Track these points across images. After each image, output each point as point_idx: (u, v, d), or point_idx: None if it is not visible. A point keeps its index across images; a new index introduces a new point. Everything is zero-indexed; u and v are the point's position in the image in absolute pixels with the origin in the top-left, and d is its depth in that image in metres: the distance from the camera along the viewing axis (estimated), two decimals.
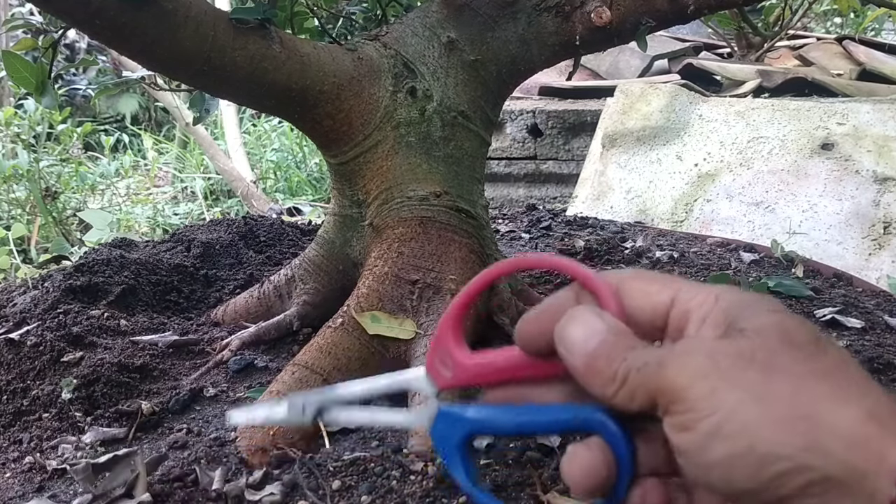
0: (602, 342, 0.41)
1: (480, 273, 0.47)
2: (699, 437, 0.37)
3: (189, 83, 1.13)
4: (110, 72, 2.10)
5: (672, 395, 0.38)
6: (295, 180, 4.78)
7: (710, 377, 0.37)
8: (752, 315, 0.39)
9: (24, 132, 4.08)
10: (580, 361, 0.41)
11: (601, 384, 0.41)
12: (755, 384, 0.36)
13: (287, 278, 1.25)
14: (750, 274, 1.61)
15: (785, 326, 0.38)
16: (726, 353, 0.37)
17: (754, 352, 0.37)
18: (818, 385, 0.36)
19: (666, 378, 0.38)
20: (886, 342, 1.28)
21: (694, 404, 0.37)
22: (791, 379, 0.36)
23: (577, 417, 0.43)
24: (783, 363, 0.37)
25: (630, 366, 0.40)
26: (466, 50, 1.14)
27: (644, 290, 0.43)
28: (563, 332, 0.42)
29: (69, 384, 1.03)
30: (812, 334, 0.38)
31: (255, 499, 0.80)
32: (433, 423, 0.47)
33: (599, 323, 0.42)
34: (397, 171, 1.10)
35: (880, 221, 2.26)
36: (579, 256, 1.65)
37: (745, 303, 0.40)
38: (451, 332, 0.47)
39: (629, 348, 0.41)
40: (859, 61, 3.59)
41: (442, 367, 0.47)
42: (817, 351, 0.37)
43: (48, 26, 1.15)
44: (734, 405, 0.36)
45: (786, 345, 0.37)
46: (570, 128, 3.31)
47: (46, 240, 3.60)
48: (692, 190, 2.57)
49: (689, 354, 0.38)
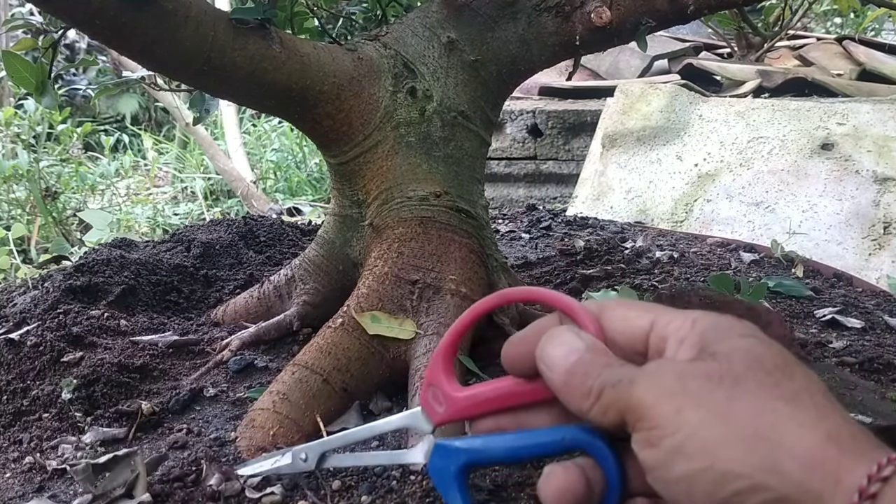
0: (579, 359, 0.43)
1: (467, 310, 0.50)
2: (663, 453, 0.38)
3: (189, 83, 1.13)
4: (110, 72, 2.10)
5: (640, 412, 0.39)
6: (295, 180, 4.78)
7: (676, 397, 0.38)
8: (724, 339, 0.40)
9: (24, 132, 4.08)
10: (559, 378, 0.43)
11: (577, 399, 0.42)
12: (719, 405, 0.37)
13: (287, 278, 1.25)
14: (750, 274, 1.61)
15: (755, 352, 0.39)
16: (695, 375, 0.39)
17: (722, 374, 0.38)
18: (781, 408, 0.37)
19: (635, 396, 0.39)
20: (886, 342, 1.28)
21: (659, 422, 0.38)
22: (755, 401, 0.37)
23: (566, 438, 0.44)
24: (749, 386, 0.38)
25: (604, 381, 0.41)
26: (466, 50, 1.14)
27: (623, 315, 0.45)
28: (544, 349, 0.44)
29: (69, 384, 1.03)
30: (781, 359, 0.39)
31: (255, 498, 0.81)
32: (430, 458, 0.48)
33: (578, 341, 0.43)
34: (397, 171, 1.10)
35: (880, 221, 2.26)
36: (579, 256, 1.65)
37: (720, 327, 0.41)
38: (442, 368, 0.49)
39: (605, 365, 0.42)
40: (859, 61, 3.59)
41: (435, 404, 0.49)
42: (784, 376, 0.38)
43: (48, 26, 1.15)
44: (697, 424, 0.37)
45: (753, 369, 0.38)
46: (570, 128, 3.31)
47: (46, 240, 3.60)
48: (692, 190, 2.57)
49: (658, 374, 0.40)
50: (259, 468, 0.54)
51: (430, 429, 0.49)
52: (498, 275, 1.16)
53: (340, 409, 0.97)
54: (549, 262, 1.62)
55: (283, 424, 0.92)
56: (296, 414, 0.93)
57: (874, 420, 0.94)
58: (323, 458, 0.52)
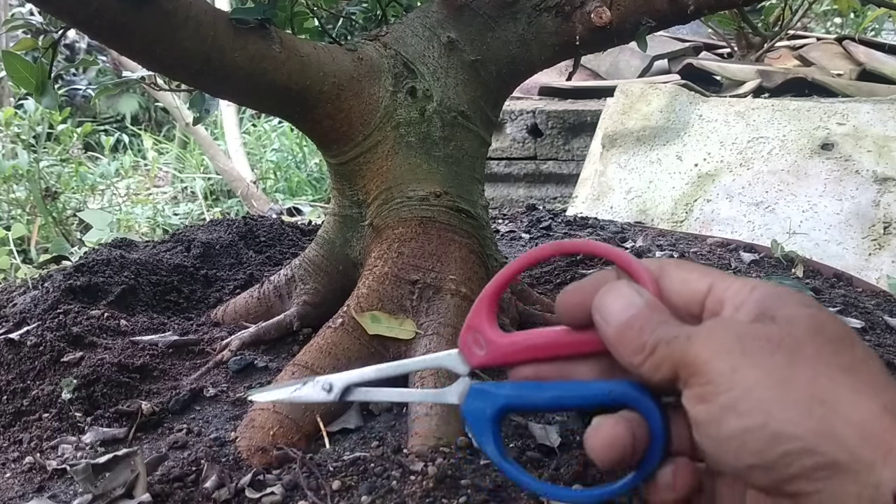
0: (636, 314, 0.42)
1: (518, 259, 0.48)
2: (715, 409, 0.38)
3: (189, 83, 1.13)
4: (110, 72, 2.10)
5: (694, 367, 0.39)
6: (295, 180, 4.78)
7: (732, 354, 0.38)
8: (784, 305, 0.40)
9: (24, 132, 4.08)
10: (613, 330, 0.43)
11: (630, 353, 0.42)
12: (777, 367, 0.37)
13: (287, 278, 1.25)
14: (750, 274, 1.61)
15: (817, 320, 0.39)
16: (754, 336, 0.39)
17: (782, 338, 0.38)
18: (839, 376, 0.37)
19: (691, 351, 0.39)
20: (886, 342, 1.28)
21: (714, 377, 0.38)
22: (813, 367, 0.37)
23: (612, 392, 0.44)
24: (808, 352, 0.38)
25: (659, 337, 0.41)
26: (466, 50, 1.14)
27: (683, 277, 0.45)
28: (602, 300, 0.44)
29: (69, 384, 1.03)
30: (842, 330, 0.39)
31: (255, 498, 0.81)
32: (465, 400, 0.47)
33: (636, 296, 0.43)
34: (397, 171, 1.10)
35: (880, 221, 2.26)
36: (580, 256, 1.65)
37: (780, 294, 0.41)
38: (486, 312, 0.48)
39: (661, 322, 0.42)
40: (859, 61, 3.59)
41: (475, 346, 0.48)
42: (843, 346, 0.38)
43: (48, 26, 1.15)
44: (752, 384, 0.37)
45: (814, 336, 0.38)
46: (570, 128, 3.31)
47: (46, 240, 3.60)
48: (692, 190, 2.57)
49: (716, 331, 0.40)
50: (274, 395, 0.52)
51: (466, 371, 0.48)
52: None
53: (340, 409, 0.97)
54: (549, 262, 1.62)
55: (283, 424, 0.92)
56: (296, 414, 0.93)
57: None
58: (347, 391, 0.50)
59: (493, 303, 0.48)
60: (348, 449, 0.91)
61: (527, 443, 0.89)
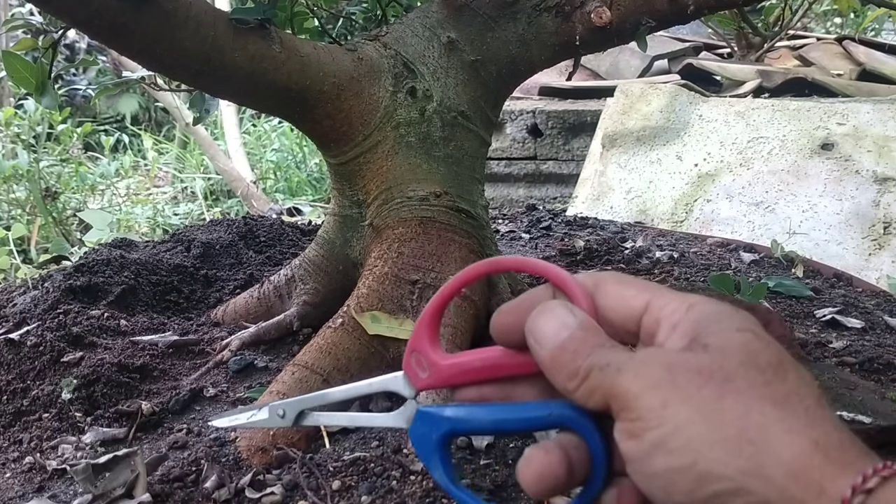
0: (570, 336, 0.41)
1: (454, 276, 0.48)
2: (645, 446, 0.37)
3: (189, 83, 1.13)
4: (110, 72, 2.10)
5: (624, 401, 0.38)
6: (295, 180, 4.78)
7: (662, 389, 0.37)
8: (719, 331, 0.39)
9: (24, 132, 4.08)
10: (547, 353, 0.42)
11: (564, 378, 0.41)
12: (707, 402, 0.36)
13: (287, 278, 1.25)
14: (750, 274, 1.61)
15: (750, 348, 0.38)
16: (685, 368, 0.38)
17: (713, 370, 0.37)
18: (770, 410, 0.36)
19: (621, 384, 0.38)
20: (886, 342, 1.28)
21: (643, 413, 0.37)
22: (744, 401, 0.36)
23: (552, 414, 0.43)
24: (739, 385, 0.37)
25: (592, 363, 0.40)
26: (466, 50, 1.14)
27: (619, 293, 0.44)
28: (534, 323, 0.43)
29: (69, 384, 1.03)
30: (775, 357, 0.38)
31: (255, 498, 0.81)
32: (412, 424, 0.47)
33: (570, 317, 0.42)
34: (397, 171, 1.10)
35: (880, 221, 2.26)
36: (579, 256, 1.65)
37: (715, 317, 0.40)
38: (427, 333, 0.48)
39: (596, 346, 0.41)
40: (859, 61, 3.59)
41: (419, 369, 0.48)
42: (776, 376, 0.38)
43: (48, 26, 1.15)
44: (682, 420, 0.36)
45: (746, 366, 0.38)
46: (570, 128, 3.31)
47: (46, 240, 3.60)
48: (692, 190, 2.57)
49: (647, 364, 0.39)
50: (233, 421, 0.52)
51: (412, 394, 0.48)
52: (498, 274, 1.16)
53: (340, 409, 0.97)
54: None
55: None
56: None
57: (874, 420, 0.94)
58: (301, 416, 0.51)
59: (433, 323, 0.48)
60: (348, 449, 0.91)
61: (527, 442, 0.89)
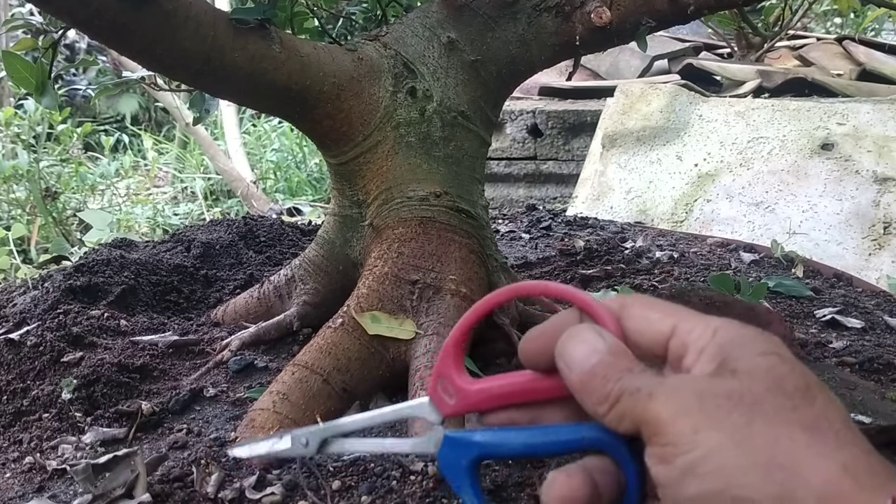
0: (600, 361, 0.42)
1: (479, 302, 0.48)
2: (676, 471, 0.37)
3: (189, 83, 1.13)
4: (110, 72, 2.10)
5: (655, 426, 0.39)
6: (295, 180, 4.78)
7: (693, 415, 0.38)
8: (745, 355, 0.40)
9: (24, 132, 4.08)
10: (577, 378, 0.42)
11: (595, 402, 0.41)
12: (737, 428, 0.37)
13: (287, 278, 1.25)
14: (750, 274, 1.61)
15: (777, 372, 0.39)
16: (714, 394, 0.38)
17: (742, 395, 0.38)
18: (799, 435, 0.37)
19: (652, 409, 0.39)
20: (886, 342, 1.28)
21: (675, 439, 0.38)
22: (774, 426, 0.37)
23: (585, 437, 0.43)
24: (768, 410, 0.37)
25: (623, 388, 0.40)
26: (466, 50, 1.14)
27: (645, 317, 0.44)
28: (564, 347, 0.43)
29: (69, 384, 1.03)
30: (802, 381, 0.39)
31: (255, 498, 0.80)
32: (440, 449, 0.47)
33: (600, 341, 0.42)
34: (397, 171, 1.10)
35: (880, 221, 2.26)
36: (579, 256, 1.65)
37: (741, 341, 0.41)
38: (453, 360, 0.48)
39: (626, 370, 0.41)
40: (859, 61, 3.59)
41: (445, 395, 0.48)
42: (804, 401, 0.38)
43: (48, 26, 1.15)
44: (713, 446, 0.37)
45: (774, 391, 0.38)
46: (570, 128, 3.31)
47: (46, 240, 3.60)
48: (692, 190, 2.57)
49: (677, 390, 0.39)
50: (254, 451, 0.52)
51: (438, 419, 0.48)
52: (498, 275, 1.16)
53: (340, 409, 0.97)
54: (549, 263, 1.62)
55: (283, 424, 0.92)
56: (296, 414, 0.93)
57: (874, 420, 0.94)
58: (325, 443, 0.50)
59: (459, 349, 0.48)
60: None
61: None
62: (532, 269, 1.57)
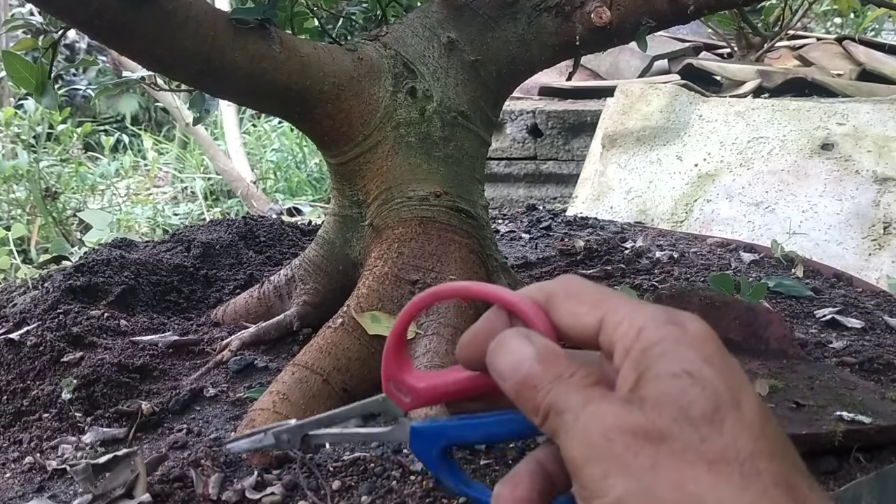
0: (529, 372, 0.41)
1: (405, 307, 0.48)
2: None
3: (189, 83, 1.13)
4: (110, 72, 2.10)
5: (572, 467, 0.39)
6: (295, 180, 4.78)
7: (602, 460, 0.38)
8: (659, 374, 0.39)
9: (24, 132, 4.08)
10: (510, 388, 0.42)
11: (529, 413, 0.41)
12: (643, 472, 0.37)
13: (287, 278, 1.25)
14: (750, 274, 1.61)
15: (685, 399, 0.38)
16: (622, 430, 0.38)
17: (648, 432, 0.37)
18: (704, 476, 0.36)
19: (566, 450, 0.39)
20: (886, 342, 1.28)
21: (587, 483, 0.38)
22: (678, 468, 0.37)
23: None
24: (675, 447, 0.37)
25: (550, 404, 0.40)
26: (466, 50, 1.14)
27: (571, 310, 0.43)
28: (493, 359, 0.43)
29: (69, 384, 1.03)
30: (711, 404, 0.38)
31: (255, 498, 0.81)
32: (410, 441, 0.48)
33: (528, 349, 0.42)
34: (397, 171, 1.10)
35: (880, 221, 2.26)
36: (579, 256, 1.65)
37: (662, 349, 0.39)
38: (395, 360, 0.48)
39: (555, 378, 0.41)
40: (859, 61, 3.59)
41: (400, 394, 0.48)
42: (711, 429, 0.37)
43: (48, 26, 1.15)
44: (621, 493, 0.37)
45: (680, 422, 0.37)
46: (570, 128, 3.31)
47: (46, 240, 3.60)
48: (692, 190, 2.57)
49: (587, 431, 0.39)
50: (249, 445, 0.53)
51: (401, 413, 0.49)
52: (498, 275, 1.16)
53: None
54: (549, 263, 1.62)
55: None
56: (296, 414, 0.93)
57: (874, 420, 0.94)
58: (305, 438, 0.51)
59: (398, 352, 0.48)
60: (348, 449, 0.91)
61: (527, 442, 0.89)
62: (532, 269, 1.57)
